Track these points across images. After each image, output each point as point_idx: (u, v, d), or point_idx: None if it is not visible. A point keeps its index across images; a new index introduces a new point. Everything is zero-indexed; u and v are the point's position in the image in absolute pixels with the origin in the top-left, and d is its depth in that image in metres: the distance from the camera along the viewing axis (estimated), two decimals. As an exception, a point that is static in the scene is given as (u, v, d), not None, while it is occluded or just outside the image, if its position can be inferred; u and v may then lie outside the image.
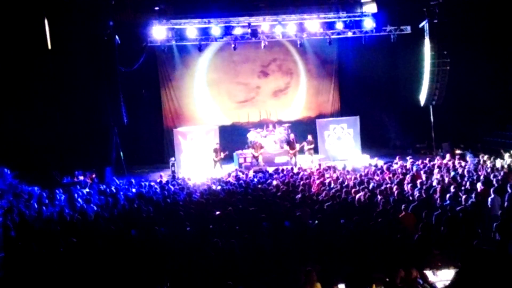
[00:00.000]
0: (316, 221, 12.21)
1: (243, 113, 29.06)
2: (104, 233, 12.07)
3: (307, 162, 24.21)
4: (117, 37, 23.29)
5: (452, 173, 17.65)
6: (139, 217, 13.36)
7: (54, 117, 24.06)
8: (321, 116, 28.57)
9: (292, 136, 25.51)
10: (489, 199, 13.32)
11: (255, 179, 18.97)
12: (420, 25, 25.55)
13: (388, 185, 15.75)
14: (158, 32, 24.78)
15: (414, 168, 19.27)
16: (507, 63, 26.13)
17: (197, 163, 24.85)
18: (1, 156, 21.09)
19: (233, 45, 25.77)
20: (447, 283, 9.18)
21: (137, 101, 26.55)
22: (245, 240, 11.00)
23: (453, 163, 19.99)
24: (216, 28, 25.08)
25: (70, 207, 15.40)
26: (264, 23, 25.42)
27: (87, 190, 18.62)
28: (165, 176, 21.51)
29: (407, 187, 15.51)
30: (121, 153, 23.81)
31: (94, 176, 21.92)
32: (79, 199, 16.43)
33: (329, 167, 20.76)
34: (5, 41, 22.07)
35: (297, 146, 24.80)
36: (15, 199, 17.20)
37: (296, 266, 9.93)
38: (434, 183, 15.89)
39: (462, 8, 25.27)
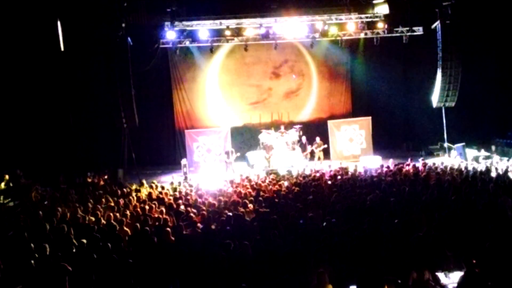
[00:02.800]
0: (327, 223, 12.20)
1: (255, 114, 29.05)
2: (117, 235, 12.10)
3: (317, 164, 24.18)
4: (129, 38, 23.36)
5: (464, 174, 17.58)
6: (150, 218, 13.38)
7: (67, 119, 24.21)
8: (332, 117, 28.47)
9: (304, 138, 25.53)
10: (499, 200, 13.25)
11: (267, 181, 18.97)
12: (433, 26, 25.44)
13: (400, 187, 15.70)
14: (170, 33, 24.85)
15: (426, 169, 19.19)
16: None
17: (209, 165, 24.90)
18: (14, 157, 21.25)
19: (244, 47, 25.79)
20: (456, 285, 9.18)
21: (149, 102, 26.67)
22: (257, 242, 11.00)
23: (466, 164, 19.90)
24: (227, 29, 25.13)
25: (83, 208, 15.45)
26: (275, 24, 25.42)
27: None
28: (177, 177, 21.53)
29: (419, 189, 15.46)
30: (133, 154, 23.86)
31: (106, 177, 21.99)
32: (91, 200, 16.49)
33: (341, 169, 20.72)
34: (19, 43, 22.26)
35: (309, 148, 24.85)
36: (28, 200, 17.30)
37: (308, 268, 9.92)
38: (446, 184, 15.83)
39: (475, 9, 25.18)
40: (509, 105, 26.16)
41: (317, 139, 25.42)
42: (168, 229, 12.03)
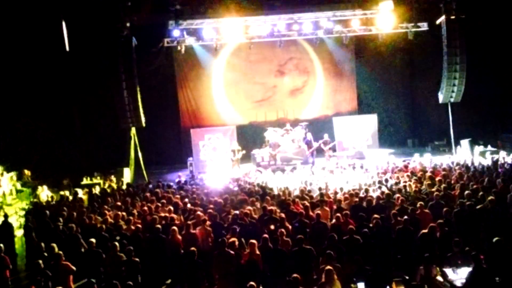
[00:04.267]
0: (334, 220, 12.20)
1: (260, 112, 29.07)
2: (124, 234, 12.14)
3: (324, 161, 24.16)
4: (134, 38, 23.38)
5: (471, 170, 17.52)
6: (157, 217, 13.39)
7: (73, 119, 24.29)
8: (338, 114, 28.45)
9: (309, 135, 25.51)
10: (508, 196, 13.19)
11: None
12: (437, 22, 25.33)
13: (406, 183, 15.67)
14: (175, 32, 24.81)
15: (433, 166, 19.15)
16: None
17: (214, 163, 24.91)
18: (21, 158, 21.33)
19: (249, 45, 25.78)
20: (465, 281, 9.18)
21: (155, 102, 26.72)
22: (265, 240, 11.00)
23: (472, 160, 19.84)
24: (232, 27, 25.10)
25: (90, 208, 15.50)
26: (280, 22, 25.38)
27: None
28: (183, 176, 21.56)
29: (425, 185, 15.42)
30: (139, 154, 23.90)
31: (112, 177, 22.05)
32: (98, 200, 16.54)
33: (347, 166, 20.69)
34: (24, 43, 22.32)
35: (315, 145, 24.82)
36: (36, 200, 17.37)
37: (315, 266, 9.93)
38: (453, 181, 15.79)
39: (480, 3, 25.07)
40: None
41: (325, 136, 25.36)
42: (175, 227, 12.05)
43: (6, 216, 15.13)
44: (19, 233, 15.84)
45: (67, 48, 23.32)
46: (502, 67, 26.58)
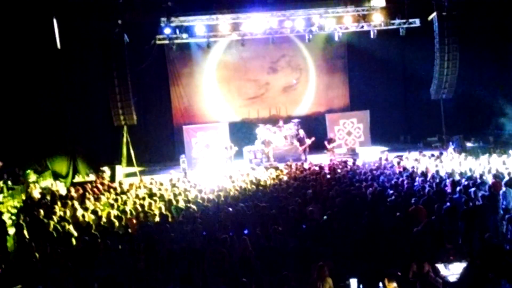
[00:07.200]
0: (327, 217, 12.19)
1: (252, 109, 29.05)
2: (116, 232, 12.12)
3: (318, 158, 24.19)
4: (125, 35, 23.32)
5: (463, 167, 17.58)
6: (150, 215, 13.37)
7: (65, 117, 24.18)
8: (331, 111, 28.47)
9: (301, 132, 25.53)
10: (501, 192, 13.24)
11: (266, 175, 18.97)
12: (429, 18, 25.39)
13: (398, 179, 15.71)
14: (167, 29, 24.77)
15: (424, 162, 19.20)
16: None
17: (207, 160, 24.88)
18: (13, 156, 21.21)
19: (241, 42, 25.75)
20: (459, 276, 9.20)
21: (147, 99, 26.69)
22: (258, 237, 11.00)
23: (464, 156, 19.90)
24: (224, 24, 25.09)
25: (83, 206, 15.46)
26: (272, 19, 25.35)
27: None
28: (175, 173, 21.52)
29: (417, 181, 15.46)
30: (132, 151, 23.85)
31: (105, 174, 21.99)
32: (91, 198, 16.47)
33: (339, 162, 20.73)
34: (15, 41, 22.18)
35: (307, 142, 24.84)
36: (28, 198, 17.30)
37: (308, 262, 9.94)
38: (445, 177, 15.84)
39: (471, 0, 25.13)
40: (507, 96, 26.15)
41: (330, 134, 25.51)
42: (168, 225, 12.04)
43: (-1, 213, 15.09)
44: (11, 231, 15.77)
45: (59, 46, 23.23)
46: (494, 63, 26.68)
